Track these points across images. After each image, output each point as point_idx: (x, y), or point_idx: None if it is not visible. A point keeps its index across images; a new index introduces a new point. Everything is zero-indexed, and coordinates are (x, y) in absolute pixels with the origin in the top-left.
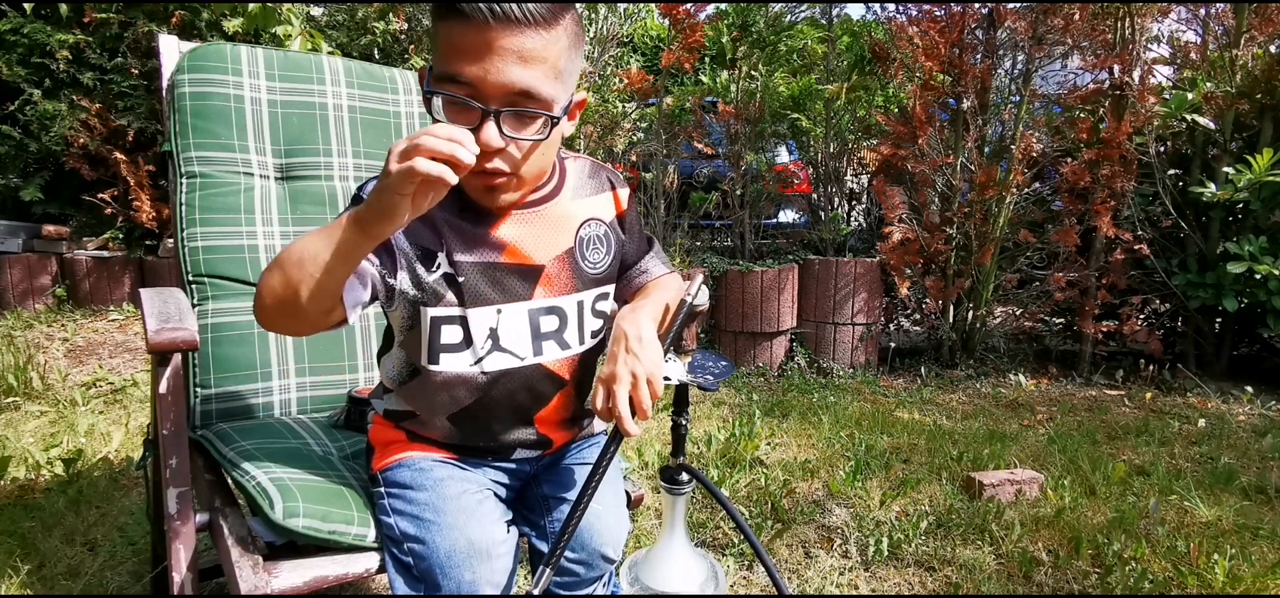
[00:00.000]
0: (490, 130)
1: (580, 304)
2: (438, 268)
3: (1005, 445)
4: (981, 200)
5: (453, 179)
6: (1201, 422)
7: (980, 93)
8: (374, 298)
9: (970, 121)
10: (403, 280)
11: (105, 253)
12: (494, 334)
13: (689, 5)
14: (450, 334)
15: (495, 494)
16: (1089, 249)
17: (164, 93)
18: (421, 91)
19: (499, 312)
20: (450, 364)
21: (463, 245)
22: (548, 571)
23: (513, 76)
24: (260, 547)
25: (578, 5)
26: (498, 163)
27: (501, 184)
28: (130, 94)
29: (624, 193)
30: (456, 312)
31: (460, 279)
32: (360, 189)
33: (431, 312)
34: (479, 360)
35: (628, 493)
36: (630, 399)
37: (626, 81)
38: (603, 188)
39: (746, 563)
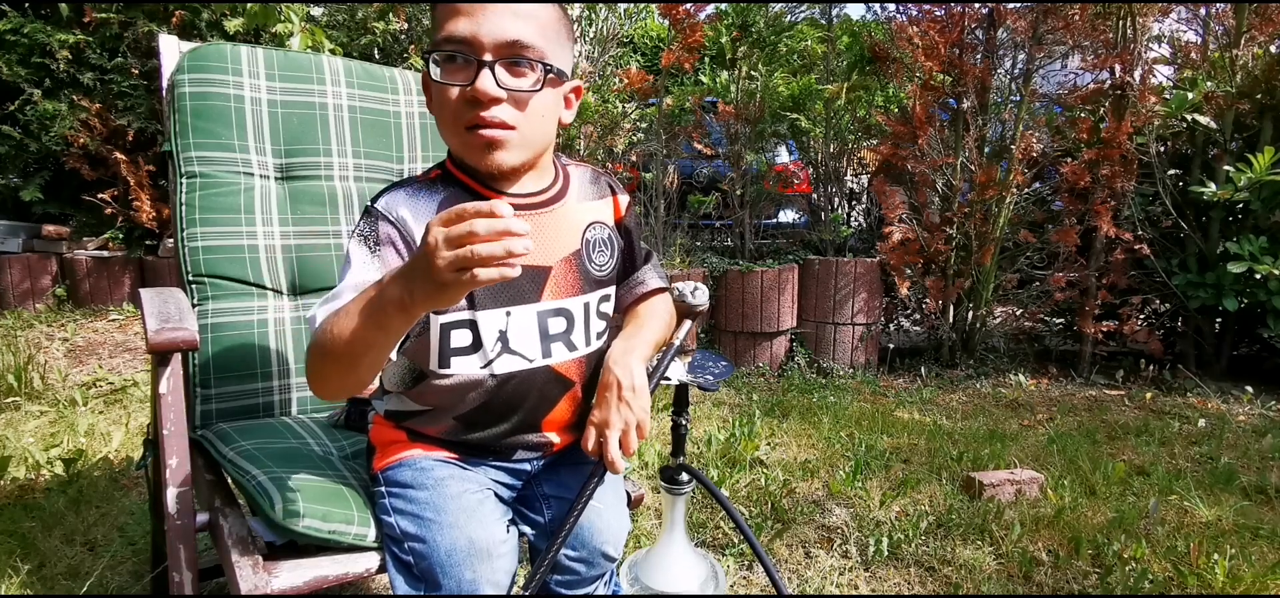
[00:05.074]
0: (485, 78)
1: (586, 306)
2: None
3: (1005, 446)
4: (981, 200)
5: (516, 273)
6: (1201, 422)
7: (980, 93)
8: None
9: (970, 121)
10: None
11: (105, 253)
12: (503, 337)
13: (689, 5)
14: (459, 338)
15: (496, 494)
16: (1089, 249)
17: (164, 93)
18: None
19: (508, 314)
20: (460, 368)
21: None
22: (542, 570)
23: (504, 27)
24: (260, 547)
25: (578, 5)
26: (497, 113)
27: (502, 140)
28: (130, 94)
29: (624, 199)
30: (466, 316)
31: None
32: (367, 207)
33: (441, 319)
34: (489, 363)
35: (628, 493)
36: (620, 442)
37: (626, 81)
38: (604, 193)
39: (746, 563)
